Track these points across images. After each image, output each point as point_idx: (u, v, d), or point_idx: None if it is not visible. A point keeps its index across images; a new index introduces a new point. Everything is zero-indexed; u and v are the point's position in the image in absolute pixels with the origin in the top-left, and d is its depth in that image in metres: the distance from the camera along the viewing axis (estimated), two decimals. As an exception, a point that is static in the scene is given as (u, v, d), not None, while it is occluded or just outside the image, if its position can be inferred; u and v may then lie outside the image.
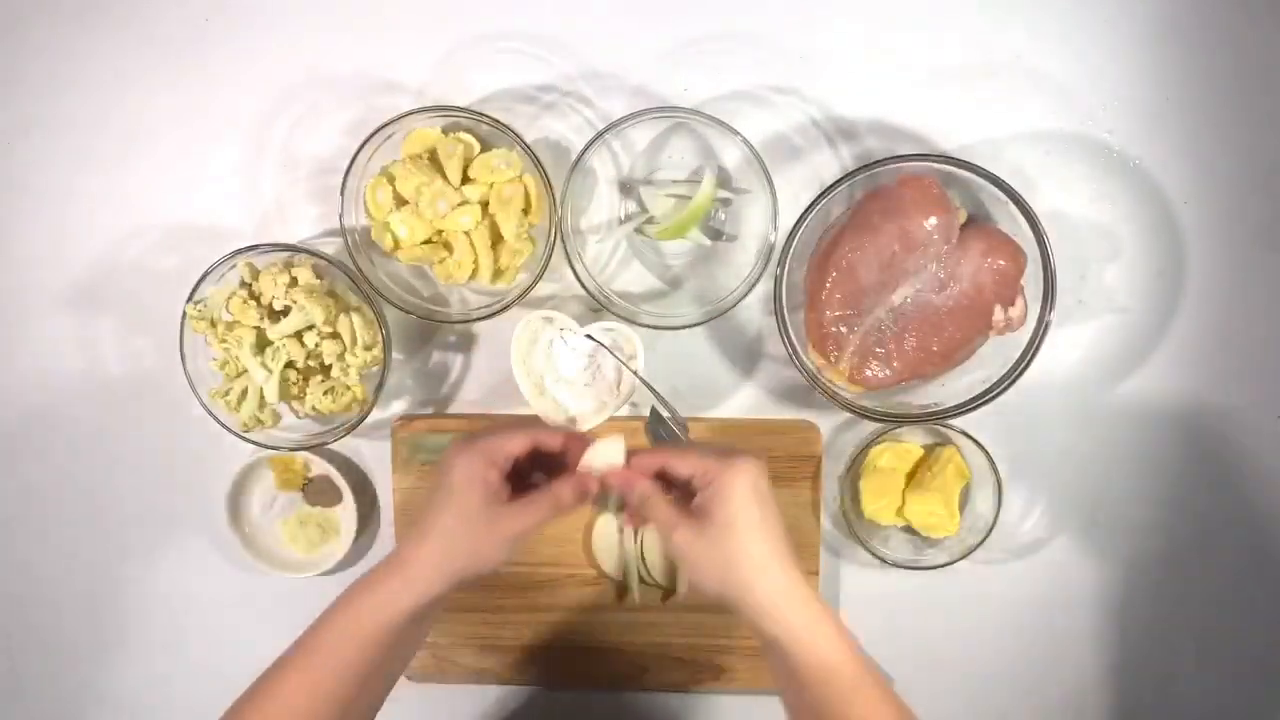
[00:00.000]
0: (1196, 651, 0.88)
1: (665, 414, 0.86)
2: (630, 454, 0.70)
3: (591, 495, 0.70)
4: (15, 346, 0.92)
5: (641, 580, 0.87)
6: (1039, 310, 0.80)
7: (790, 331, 0.82)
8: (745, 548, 0.65)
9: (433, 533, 0.67)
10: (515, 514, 0.67)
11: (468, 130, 0.85)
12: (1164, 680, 0.88)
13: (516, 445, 0.69)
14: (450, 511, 0.67)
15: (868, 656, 0.64)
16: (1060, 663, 0.89)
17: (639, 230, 0.86)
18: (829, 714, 0.62)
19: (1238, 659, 0.88)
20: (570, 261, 0.83)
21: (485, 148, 0.85)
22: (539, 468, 0.71)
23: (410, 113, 0.82)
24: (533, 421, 0.70)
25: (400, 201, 0.84)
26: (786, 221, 0.82)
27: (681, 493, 0.69)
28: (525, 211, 0.84)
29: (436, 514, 0.67)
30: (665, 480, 0.69)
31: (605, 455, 0.70)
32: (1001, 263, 0.80)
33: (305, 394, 0.85)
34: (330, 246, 0.89)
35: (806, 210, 0.81)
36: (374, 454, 0.91)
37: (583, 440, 0.71)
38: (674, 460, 0.68)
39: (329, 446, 0.89)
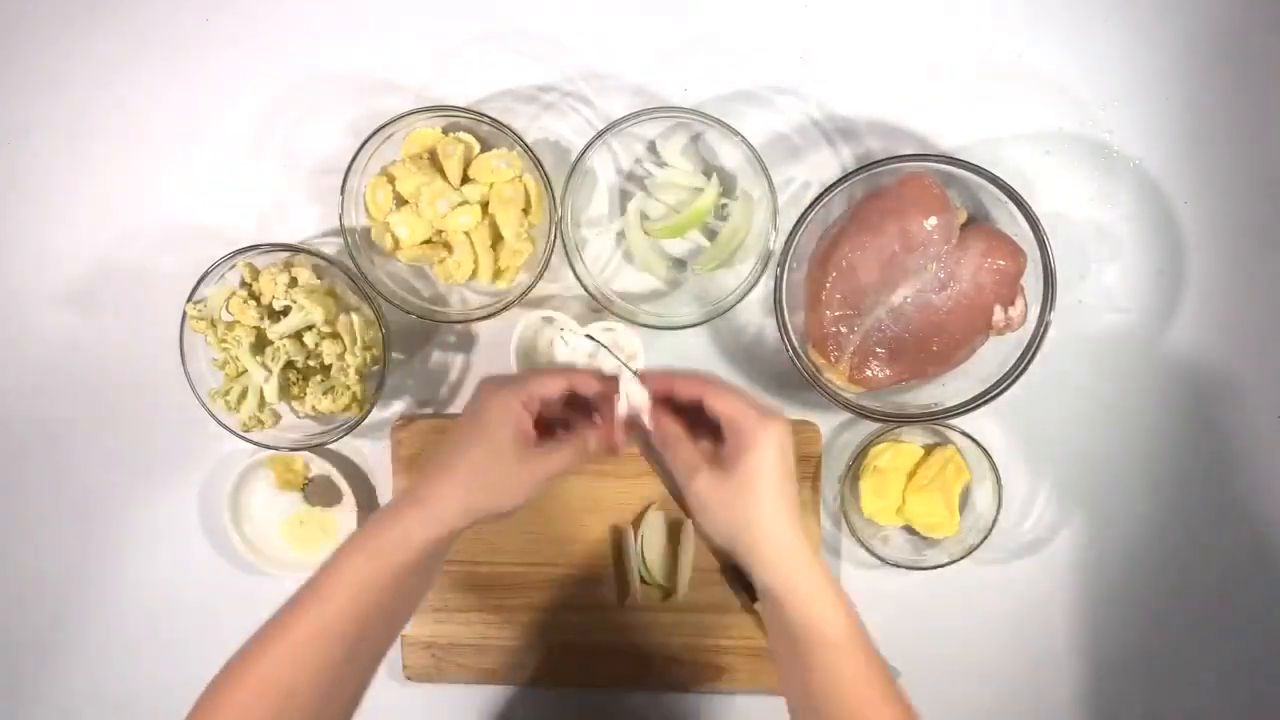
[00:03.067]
0: (1197, 650, 0.88)
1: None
2: (667, 377, 0.69)
3: (619, 452, 0.69)
4: (15, 346, 0.91)
5: (642, 580, 0.87)
6: (1039, 310, 0.80)
7: (790, 331, 0.82)
8: (762, 504, 0.65)
9: (460, 468, 0.65)
10: (544, 457, 0.67)
11: (468, 130, 0.85)
12: (1164, 680, 0.88)
13: (552, 387, 0.68)
14: (481, 447, 0.65)
15: (862, 625, 0.65)
16: (1060, 663, 0.89)
17: (644, 228, 0.86)
18: (817, 673, 0.63)
19: (1238, 657, 0.88)
20: (570, 261, 0.83)
21: (485, 148, 0.85)
22: (570, 409, 0.71)
23: (410, 113, 0.82)
24: (566, 367, 0.69)
25: (400, 201, 0.84)
26: (786, 221, 0.82)
27: (708, 434, 0.68)
28: (525, 211, 0.84)
29: (465, 449, 0.66)
30: (691, 419, 0.69)
31: (633, 397, 0.69)
32: (1001, 263, 0.80)
33: (305, 394, 0.85)
34: (330, 246, 0.89)
35: (806, 210, 0.81)
36: (374, 454, 0.91)
37: (614, 386, 0.70)
38: (712, 397, 0.67)
39: (329, 446, 0.89)
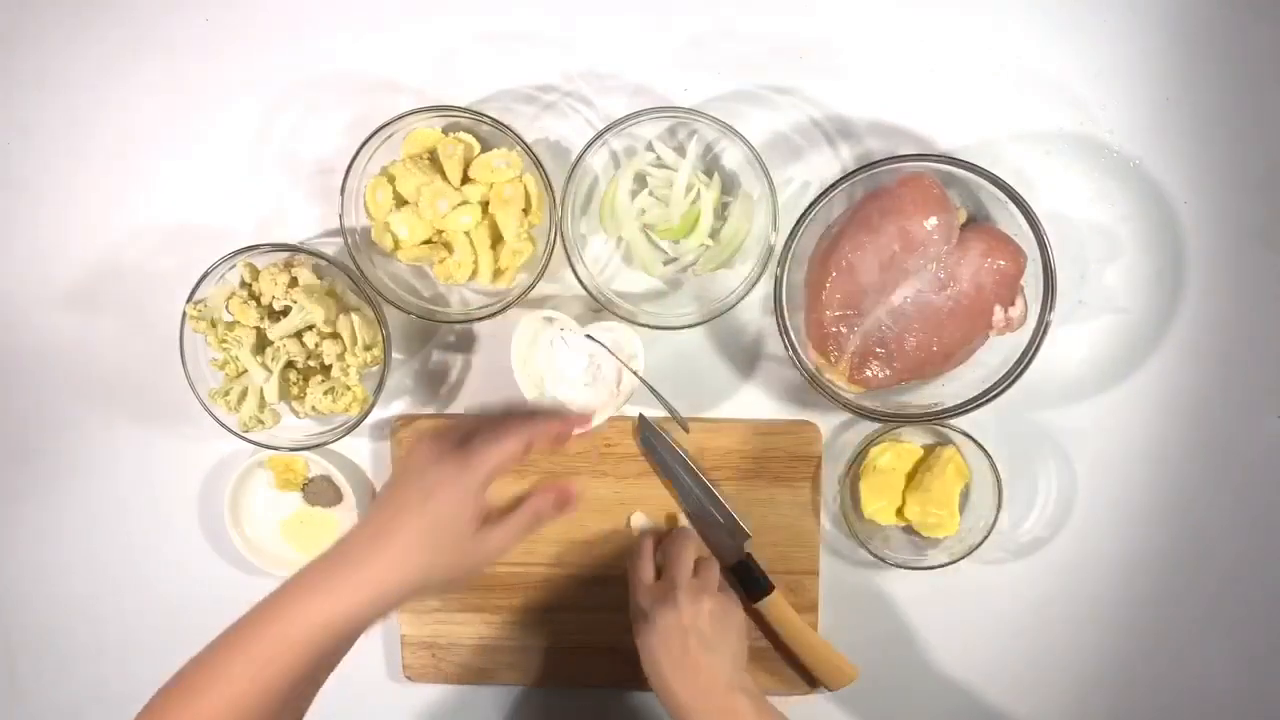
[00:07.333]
0: (1196, 650, 0.88)
1: (664, 414, 0.87)
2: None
3: (574, 507, 0.67)
4: (15, 346, 0.91)
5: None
6: (1039, 310, 0.80)
7: (790, 331, 0.82)
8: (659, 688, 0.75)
9: (403, 540, 0.61)
10: (499, 534, 0.63)
11: (468, 130, 0.85)
12: (1164, 680, 0.88)
13: (509, 459, 0.64)
14: (429, 523, 0.61)
15: None
16: (1060, 663, 0.89)
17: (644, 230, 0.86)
18: None
19: (1237, 658, 0.88)
20: (570, 262, 0.83)
21: (485, 148, 0.85)
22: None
23: (410, 113, 0.82)
24: (517, 416, 0.65)
25: (400, 201, 0.84)
26: (787, 221, 0.82)
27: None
28: (525, 211, 0.84)
29: (411, 521, 0.61)
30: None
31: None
32: (1001, 263, 0.80)
33: (305, 394, 0.85)
34: (330, 246, 0.89)
35: (807, 210, 0.81)
36: (374, 454, 0.91)
37: (576, 422, 0.68)
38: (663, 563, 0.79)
39: (329, 446, 0.89)
